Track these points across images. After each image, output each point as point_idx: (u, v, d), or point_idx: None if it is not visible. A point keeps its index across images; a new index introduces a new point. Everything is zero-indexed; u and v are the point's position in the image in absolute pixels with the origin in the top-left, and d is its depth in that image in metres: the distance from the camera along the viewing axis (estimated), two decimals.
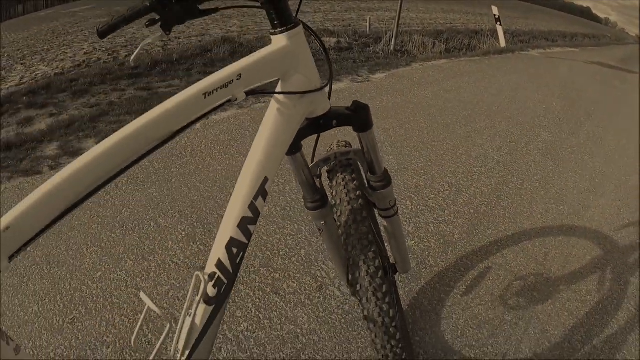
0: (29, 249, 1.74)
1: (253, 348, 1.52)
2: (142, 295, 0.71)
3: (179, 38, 7.51)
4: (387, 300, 1.00)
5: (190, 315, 0.76)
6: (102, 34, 0.87)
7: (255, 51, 0.82)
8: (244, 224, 0.80)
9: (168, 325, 0.72)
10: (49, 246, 2.00)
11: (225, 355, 1.48)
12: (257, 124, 0.86)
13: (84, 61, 6.22)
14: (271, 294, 1.76)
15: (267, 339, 1.56)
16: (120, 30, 0.86)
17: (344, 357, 1.51)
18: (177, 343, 0.75)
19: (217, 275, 0.77)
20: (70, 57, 6.66)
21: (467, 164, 3.04)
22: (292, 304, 1.72)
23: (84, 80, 4.66)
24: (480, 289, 1.89)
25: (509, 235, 2.29)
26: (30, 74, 6.08)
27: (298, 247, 2.03)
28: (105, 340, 1.56)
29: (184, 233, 2.07)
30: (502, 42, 9.87)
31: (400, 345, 1.02)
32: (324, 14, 12.21)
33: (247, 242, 0.81)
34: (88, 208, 2.28)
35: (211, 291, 0.77)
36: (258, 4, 0.81)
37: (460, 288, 1.88)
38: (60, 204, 0.62)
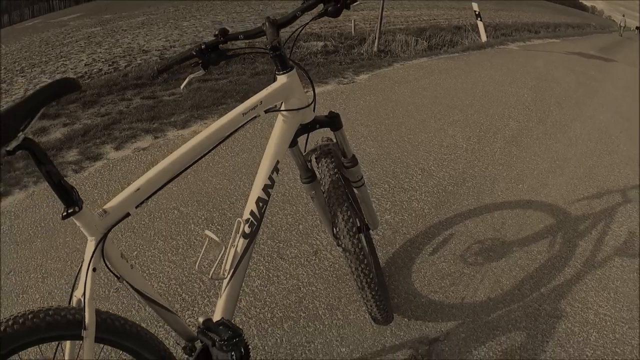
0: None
1: (266, 298, 1.98)
2: (207, 231, 1.15)
3: (174, 47, 7.89)
4: (357, 236, 1.47)
5: (234, 247, 1.21)
6: (159, 72, 1.32)
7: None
8: (266, 188, 1.29)
9: (223, 249, 1.17)
10: None
11: (244, 305, 1.93)
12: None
13: (86, 72, 6.56)
14: (277, 258, 2.22)
15: (276, 291, 2.02)
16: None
17: (335, 301, 1.97)
18: (225, 265, 1.21)
19: (250, 220, 1.25)
20: (72, 69, 6.99)
21: (438, 152, 3.49)
22: (294, 265, 2.18)
23: (91, 91, 5.00)
24: (444, 250, 2.35)
25: (472, 209, 2.74)
26: (34, 86, 6.35)
27: (297, 223, 2.48)
28: None
29: (203, 217, 2.51)
30: (483, 37, 10.30)
31: (368, 268, 1.48)
32: (311, 15, 12.57)
33: (268, 199, 1.29)
34: None
35: (247, 230, 1.24)
36: (268, 54, 1.26)
37: (428, 250, 2.34)
38: (164, 178, 1.09)
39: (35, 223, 2.51)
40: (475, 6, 10.21)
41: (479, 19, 10.32)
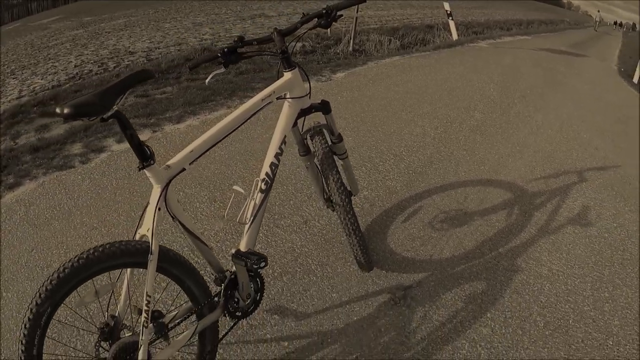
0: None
1: None
2: (235, 186, 1.54)
3: (159, 48, 8.14)
4: (345, 192, 1.90)
5: (253, 199, 1.62)
6: (191, 68, 1.69)
7: None
8: (277, 156, 1.69)
9: (247, 201, 1.55)
10: (104, 213, 2.71)
11: None
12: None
13: (77, 73, 6.75)
14: (274, 227, 2.61)
15: (274, 252, 2.41)
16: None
17: (325, 258, 2.38)
18: (246, 213, 1.60)
19: (265, 179, 1.65)
20: (62, 70, 7.13)
21: (409, 140, 3.91)
22: (289, 232, 2.58)
23: (87, 90, 5.23)
24: (414, 219, 2.77)
25: (438, 186, 3.16)
26: (27, 87, 6.44)
27: (288, 199, 2.88)
28: None
29: (206, 197, 2.88)
30: (455, 35, 10.73)
31: (353, 218, 1.92)
32: (287, 17, 12.87)
33: (278, 163, 1.69)
34: (127, 186, 3.01)
35: (263, 187, 1.64)
36: (277, 55, 1.66)
37: (400, 219, 2.76)
38: (209, 144, 1.48)
39: (51, 208, 2.79)
40: (446, 5, 10.66)
41: (450, 17, 10.78)
